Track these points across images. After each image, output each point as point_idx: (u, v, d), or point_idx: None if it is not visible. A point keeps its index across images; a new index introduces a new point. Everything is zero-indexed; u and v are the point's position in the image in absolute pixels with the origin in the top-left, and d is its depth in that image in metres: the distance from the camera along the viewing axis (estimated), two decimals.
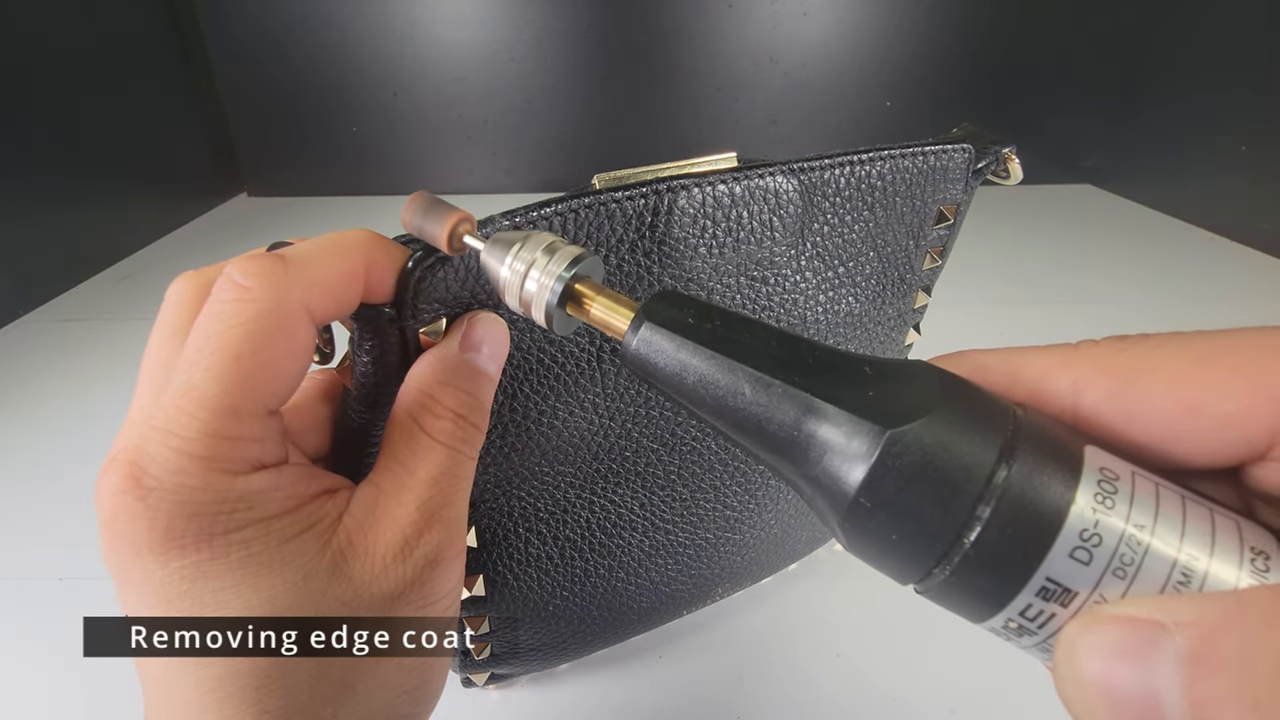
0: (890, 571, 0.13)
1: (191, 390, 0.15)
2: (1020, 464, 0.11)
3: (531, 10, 0.95)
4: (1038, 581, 0.11)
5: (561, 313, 0.16)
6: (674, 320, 0.14)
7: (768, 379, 0.13)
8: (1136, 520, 0.11)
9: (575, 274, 0.16)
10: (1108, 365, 0.13)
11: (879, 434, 0.12)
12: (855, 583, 0.37)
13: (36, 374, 0.58)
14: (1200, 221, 0.87)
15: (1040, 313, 0.66)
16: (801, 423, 0.13)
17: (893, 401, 0.12)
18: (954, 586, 0.12)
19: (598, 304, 0.16)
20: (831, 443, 0.12)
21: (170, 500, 0.14)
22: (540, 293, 0.16)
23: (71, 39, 0.75)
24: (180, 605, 0.15)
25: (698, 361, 0.14)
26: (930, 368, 0.13)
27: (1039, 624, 0.11)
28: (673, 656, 0.34)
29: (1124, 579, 0.11)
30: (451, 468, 0.18)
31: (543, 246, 0.16)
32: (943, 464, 0.11)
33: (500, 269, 0.16)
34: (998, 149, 0.26)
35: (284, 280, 0.15)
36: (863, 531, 0.12)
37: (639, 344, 0.14)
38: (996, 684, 0.32)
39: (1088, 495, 0.11)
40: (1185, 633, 0.10)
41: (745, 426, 0.13)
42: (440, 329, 0.18)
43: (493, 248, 0.17)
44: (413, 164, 1.04)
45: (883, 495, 0.12)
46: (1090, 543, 0.11)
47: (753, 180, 0.22)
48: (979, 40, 0.98)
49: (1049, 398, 0.13)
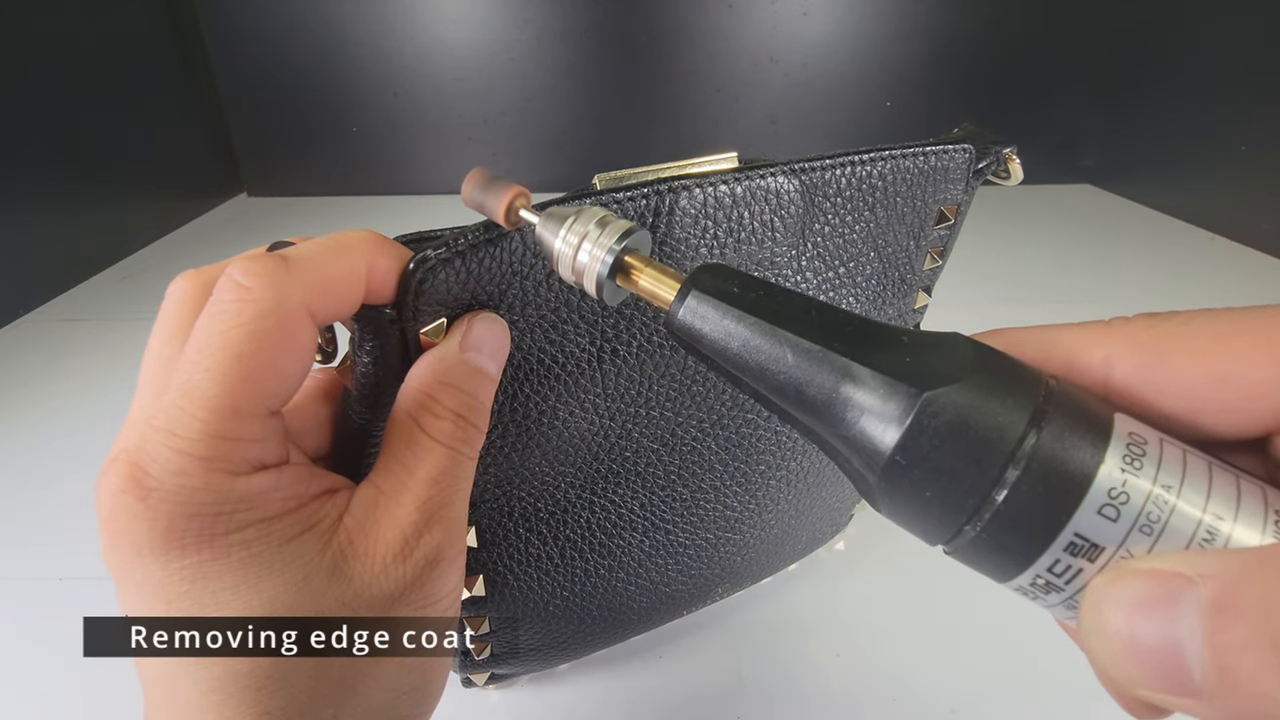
0: (922, 530, 0.13)
1: (192, 390, 0.14)
2: (1052, 427, 0.12)
3: (531, 10, 0.95)
4: (1066, 537, 0.11)
5: (611, 283, 0.17)
6: (720, 289, 0.15)
7: (809, 344, 0.14)
8: (1164, 481, 0.11)
9: (625, 246, 0.17)
10: (1139, 339, 0.13)
11: (915, 395, 0.12)
12: (855, 583, 0.37)
13: (36, 374, 0.58)
14: (1200, 221, 0.87)
15: (1040, 313, 0.66)
16: (840, 386, 0.13)
17: (929, 367, 0.13)
18: (984, 544, 0.12)
19: (646, 275, 0.16)
20: (869, 405, 0.13)
21: (171, 501, 0.14)
22: (592, 264, 0.17)
23: (71, 39, 0.75)
24: (180, 605, 0.15)
25: (742, 328, 0.14)
26: (966, 339, 0.13)
27: (1066, 579, 0.12)
28: (673, 656, 0.34)
29: (1150, 536, 0.11)
30: (451, 468, 0.18)
31: (595, 220, 0.17)
32: (976, 424, 0.12)
33: (554, 241, 0.17)
34: (998, 149, 0.26)
35: (285, 280, 0.15)
36: (897, 490, 0.13)
37: (685, 312, 0.15)
38: (996, 684, 0.32)
39: (1116, 457, 0.11)
40: (1208, 584, 0.10)
41: (786, 390, 0.14)
42: (441, 329, 0.18)
43: (547, 221, 0.17)
44: (413, 164, 1.04)
45: (918, 453, 0.12)
46: (1118, 500, 0.11)
47: (754, 180, 0.22)
48: (979, 40, 0.98)
49: (1082, 371, 0.13)
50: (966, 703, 0.31)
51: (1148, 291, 0.70)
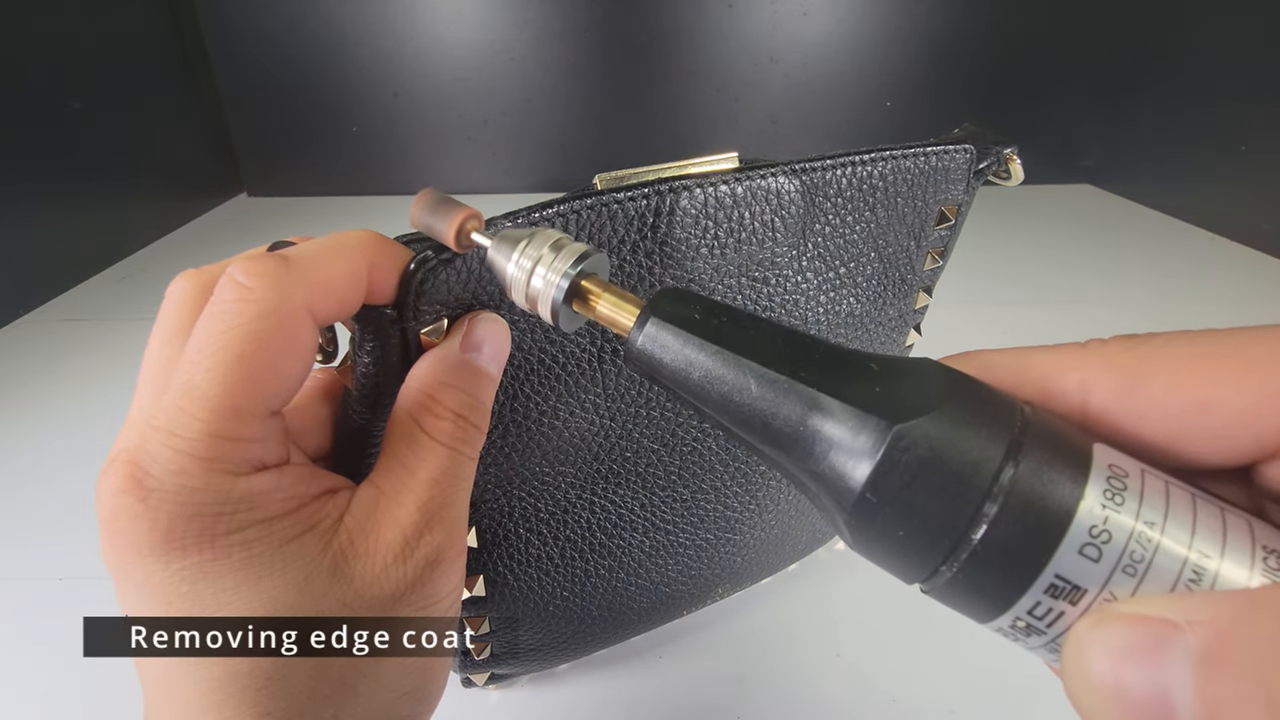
0: (896, 570, 0.13)
1: (193, 390, 0.14)
2: (1028, 460, 0.11)
3: (531, 10, 0.95)
4: (1046, 579, 0.11)
5: (568, 309, 0.16)
6: (680, 316, 0.14)
7: (773, 374, 0.13)
8: (1146, 517, 0.11)
9: (581, 270, 0.16)
10: (1116, 363, 0.12)
11: (885, 428, 0.12)
12: (855, 583, 0.37)
13: (36, 374, 0.58)
14: (1200, 221, 0.87)
15: (1040, 313, 0.66)
16: (807, 418, 0.12)
17: (899, 397, 0.12)
18: (960, 585, 0.12)
19: (604, 301, 0.16)
20: (837, 439, 0.12)
21: (172, 501, 0.14)
22: (546, 289, 0.16)
23: (71, 39, 0.75)
24: (181, 606, 0.15)
25: (703, 357, 0.14)
26: (937, 365, 0.13)
27: (1047, 623, 0.11)
28: (673, 656, 0.34)
29: (1134, 577, 0.11)
30: (452, 468, 0.18)
31: (549, 243, 0.16)
32: (950, 459, 0.11)
33: (507, 266, 0.16)
34: (999, 149, 0.26)
35: (287, 281, 0.15)
36: (868, 528, 0.12)
37: (644, 340, 0.14)
38: (996, 684, 0.32)
39: (1097, 492, 0.11)
40: (1198, 631, 0.09)
41: (750, 423, 0.13)
42: (441, 329, 0.18)
43: (499, 244, 0.17)
44: (413, 164, 1.04)
45: (889, 491, 0.12)
46: (1100, 539, 0.11)
47: (754, 181, 0.22)
48: (979, 40, 0.98)
49: (1057, 396, 0.13)
50: (966, 703, 0.31)
51: (1148, 291, 0.70)
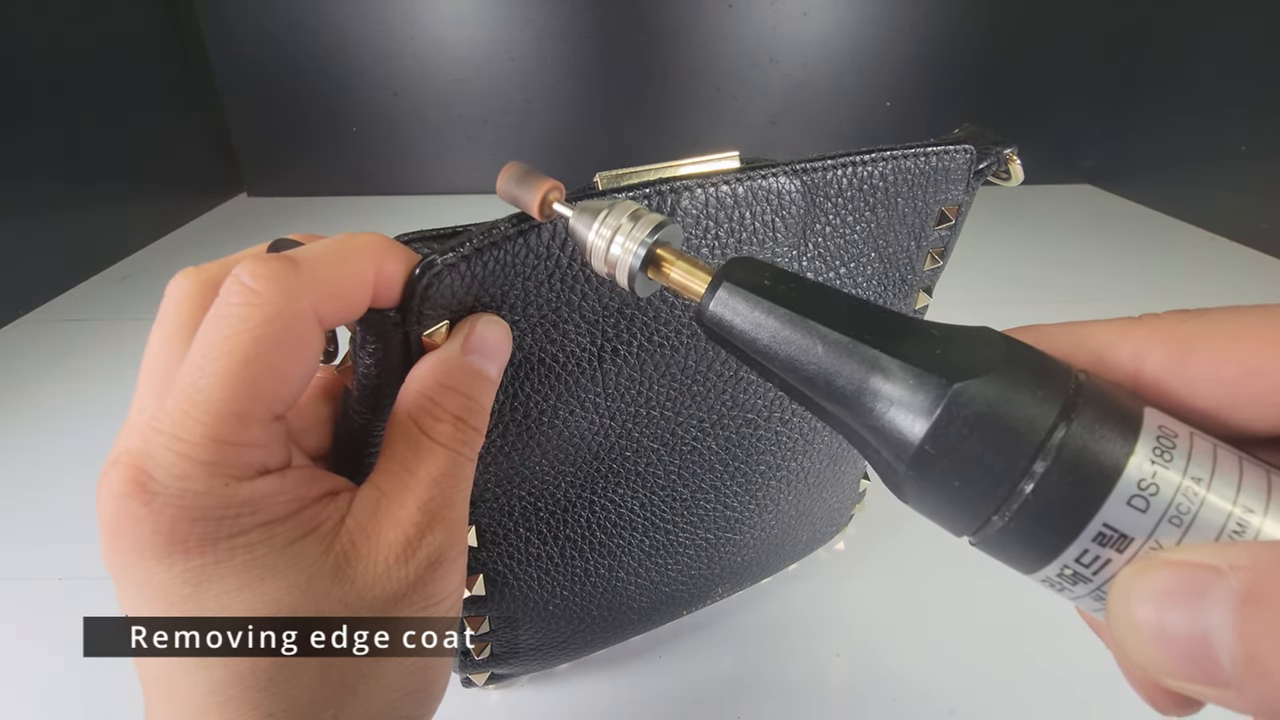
0: (949, 520, 0.13)
1: (197, 394, 0.14)
2: (1081, 418, 0.12)
3: (531, 10, 0.95)
4: (1095, 527, 0.11)
5: (644, 275, 0.17)
6: (751, 282, 0.15)
7: (839, 336, 0.14)
8: (1194, 474, 0.11)
9: (658, 239, 0.17)
10: (1169, 334, 0.13)
11: (945, 386, 0.12)
12: (855, 583, 0.37)
13: (36, 374, 0.58)
14: (1200, 221, 0.87)
15: (1040, 313, 0.65)
16: (870, 377, 0.13)
17: (959, 359, 0.13)
18: (1012, 534, 0.12)
19: (677, 268, 0.17)
20: (898, 396, 0.13)
21: (174, 505, 0.14)
22: (624, 257, 0.17)
23: (71, 39, 0.75)
24: (183, 608, 0.15)
25: (772, 320, 0.14)
26: (995, 333, 0.14)
27: (1094, 570, 0.12)
28: (673, 656, 0.34)
29: (1179, 527, 0.11)
30: (452, 469, 0.18)
31: (627, 214, 0.17)
32: (1006, 415, 0.12)
33: (588, 234, 0.17)
34: (999, 150, 0.26)
35: (294, 285, 0.15)
36: (926, 479, 0.13)
37: (716, 304, 0.15)
38: (996, 684, 0.32)
39: (1146, 449, 0.11)
40: (1239, 575, 0.10)
41: (815, 381, 0.14)
42: (443, 331, 0.18)
43: (580, 214, 0.18)
44: (413, 164, 1.04)
45: (947, 442, 0.12)
46: (1148, 492, 0.11)
47: (755, 181, 0.22)
48: (979, 40, 0.98)
49: (1111, 366, 0.13)
50: (966, 703, 0.31)
51: (1148, 291, 0.70)
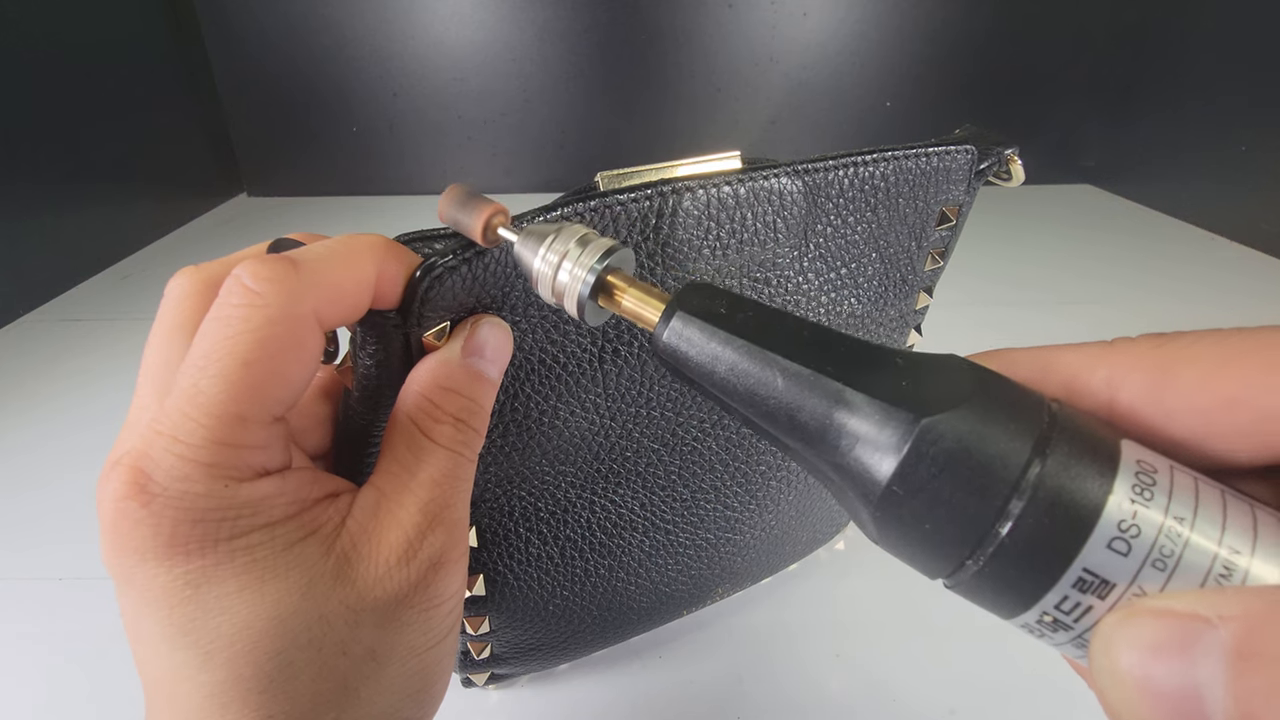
0: (921, 564, 0.13)
1: (198, 396, 0.14)
2: (1056, 454, 0.11)
3: (531, 10, 0.95)
4: (1074, 572, 0.11)
5: (593, 304, 0.16)
6: (706, 310, 0.14)
7: (800, 368, 0.13)
8: (1176, 513, 0.11)
9: (607, 266, 0.16)
10: (1144, 360, 0.12)
11: (913, 422, 0.12)
12: (855, 583, 0.37)
13: (36, 374, 0.58)
14: (1200, 221, 0.87)
15: (1040, 313, 0.66)
16: (833, 412, 0.13)
17: (926, 391, 0.12)
18: (987, 579, 0.12)
19: (629, 295, 0.16)
20: (864, 432, 0.12)
21: (175, 507, 0.14)
22: (573, 284, 0.16)
23: (71, 39, 0.75)
24: (183, 610, 0.15)
25: (729, 351, 0.14)
26: (963, 360, 0.13)
27: (1075, 618, 0.11)
28: (673, 656, 0.34)
29: (1164, 571, 0.11)
30: (452, 470, 0.18)
31: (575, 239, 0.16)
32: (977, 453, 0.11)
33: (534, 260, 0.17)
34: (1000, 150, 0.26)
35: (295, 286, 0.15)
36: (895, 521, 0.12)
37: (670, 334, 0.14)
38: (996, 684, 0.32)
39: (1125, 487, 0.11)
40: (1229, 626, 0.09)
41: (776, 416, 0.13)
42: (444, 332, 0.18)
43: (526, 239, 0.17)
44: (413, 164, 1.04)
45: (915, 483, 0.12)
46: (1129, 534, 0.11)
47: (757, 182, 0.22)
48: (979, 40, 0.98)
49: (1083, 394, 0.13)
50: (966, 703, 0.31)
51: (1148, 291, 0.70)
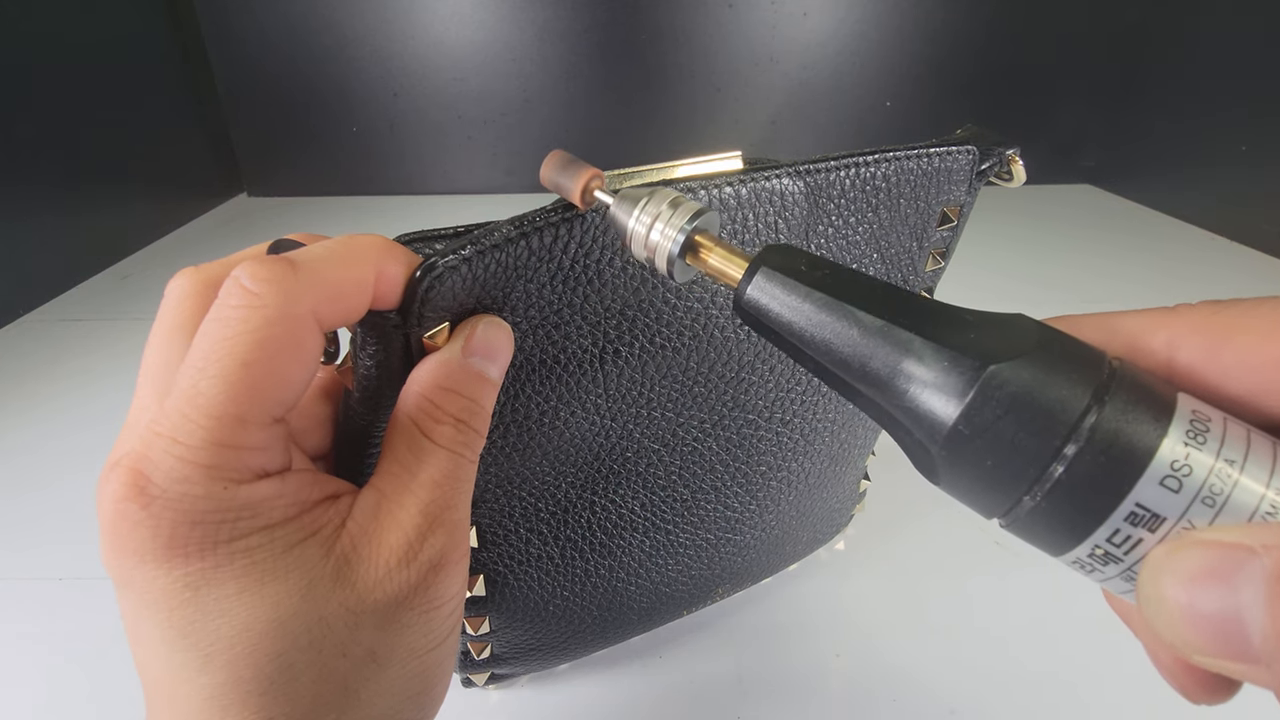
0: (981, 500, 0.13)
1: (198, 397, 0.14)
2: (1115, 402, 0.12)
3: (532, 10, 0.95)
4: (1127, 506, 0.11)
5: (682, 261, 0.17)
6: (787, 267, 0.15)
7: (875, 320, 0.14)
8: (1227, 456, 0.11)
9: (696, 226, 0.17)
10: (1204, 323, 0.13)
11: (980, 368, 0.12)
12: (855, 583, 0.37)
13: (36, 374, 0.58)
14: (1200, 221, 0.87)
15: (1040, 313, 0.65)
16: (904, 360, 0.13)
17: (993, 343, 0.13)
18: (1043, 514, 0.12)
19: (715, 254, 0.17)
20: (932, 378, 0.13)
21: (174, 509, 0.14)
22: (664, 243, 0.17)
23: (71, 39, 0.75)
24: (183, 613, 0.15)
25: (808, 305, 0.15)
26: (1029, 319, 0.14)
27: (1125, 550, 0.12)
28: (673, 656, 0.34)
29: (1212, 508, 0.11)
30: (453, 471, 0.18)
31: (667, 201, 0.18)
32: (1040, 397, 0.12)
33: (629, 221, 0.18)
34: (1002, 151, 0.26)
35: (294, 287, 0.15)
36: (959, 459, 0.13)
37: (754, 289, 0.15)
38: (997, 684, 0.32)
39: (1179, 431, 0.12)
40: (1272, 554, 0.10)
41: (850, 363, 0.14)
42: (444, 332, 0.18)
43: (621, 202, 0.18)
44: (413, 164, 1.04)
45: (980, 423, 0.12)
46: (1180, 473, 0.11)
47: (759, 182, 0.22)
48: (979, 40, 0.98)
49: (1145, 354, 0.13)
50: (966, 703, 0.31)
51: (1148, 291, 0.70)
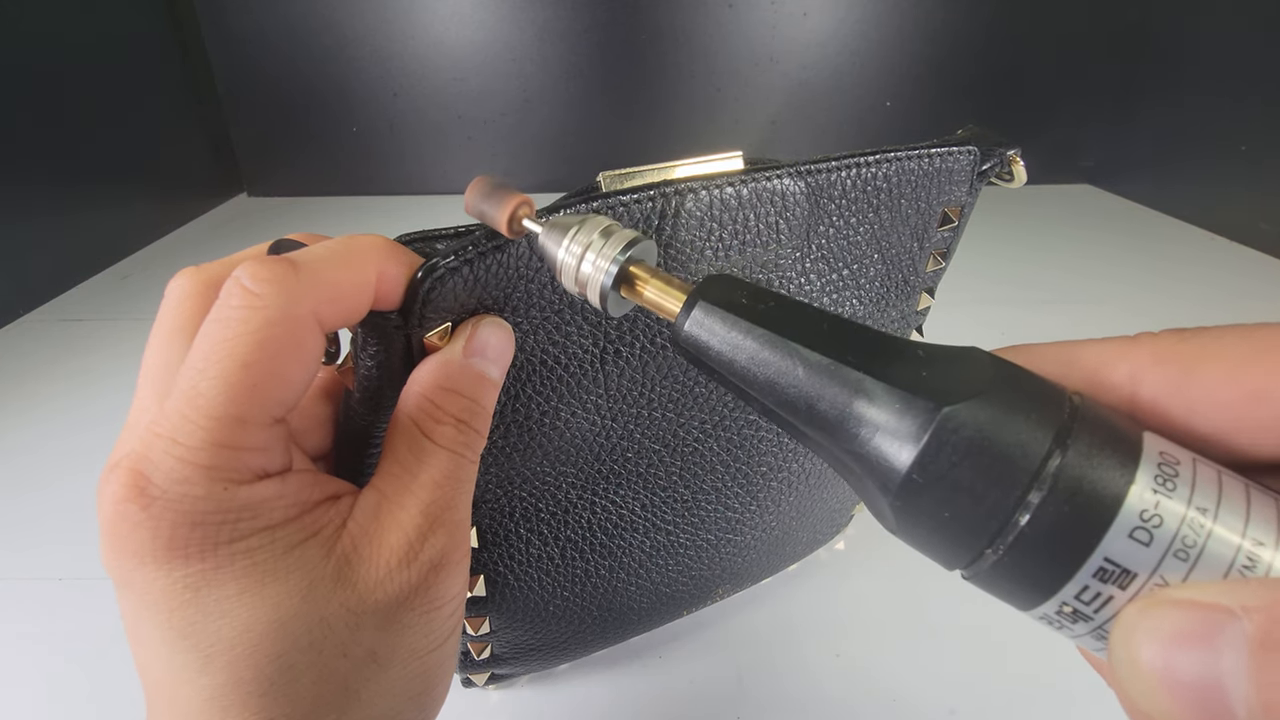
0: (939, 554, 0.13)
1: (198, 398, 0.14)
2: (1078, 444, 0.11)
3: (531, 10, 0.95)
4: (1095, 562, 0.11)
5: (616, 294, 0.17)
6: (728, 300, 0.14)
7: (820, 357, 0.13)
8: (1199, 504, 0.11)
9: (630, 257, 0.16)
10: (1168, 354, 0.12)
11: (934, 410, 0.12)
12: (855, 583, 0.37)
13: (36, 374, 0.58)
14: (1200, 221, 0.87)
15: (1040, 313, 0.66)
16: (853, 401, 0.13)
17: (946, 381, 0.12)
18: (1006, 569, 0.11)
19: (651, 286, 0.16)
20: (883, 421, 0.12)
21: (174, 510, 0.14)
22: (596, 275, 0.16)
23: (71, 39, 0.75)
24: (183, 614, 0.15)
25: (750, 340, 0.14)
26: (984, 352, 0.13)
27: (1095, 608, 0.11)
28: (673, 656, 0.34)
29: (1186, 562, 0.10)
30: (454, 471, 0.18)
31: (599, 230, 0.17)
32: (998, 441, 0.11)
33: (558, 251, 0.17)
34: (1003, 151, 0.26)
35: (295, 288, 0.15)
36: (914, 510, 0.12)
37: (691, 324, 0.15)
38: (996, 684, 0.32)
39: (1148, 477, 0.11)
40: (1253, 617, 0.09)
41: (796, 404, 0.13)
42: (445, 333, 0.18)
43: (550, 230, 0.17)
44: (413, 164, 1.04)
45: (935, 471, 0.12)
46: (1151, 524, 0.11)
47: (760, 183, 0.22)
48: (979, 41, 0.98)
49: (1106, 387, 0.13)
50: (966, 703, 0.31)
51: (1148, 291, 0.70)
